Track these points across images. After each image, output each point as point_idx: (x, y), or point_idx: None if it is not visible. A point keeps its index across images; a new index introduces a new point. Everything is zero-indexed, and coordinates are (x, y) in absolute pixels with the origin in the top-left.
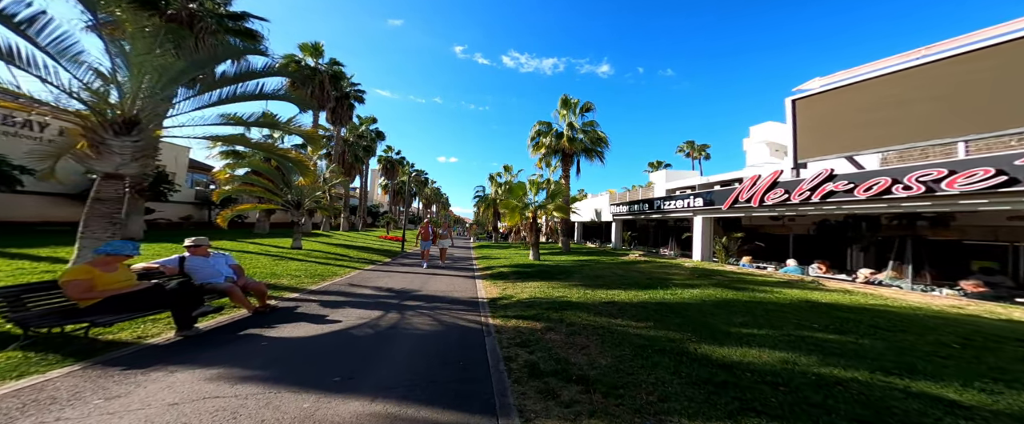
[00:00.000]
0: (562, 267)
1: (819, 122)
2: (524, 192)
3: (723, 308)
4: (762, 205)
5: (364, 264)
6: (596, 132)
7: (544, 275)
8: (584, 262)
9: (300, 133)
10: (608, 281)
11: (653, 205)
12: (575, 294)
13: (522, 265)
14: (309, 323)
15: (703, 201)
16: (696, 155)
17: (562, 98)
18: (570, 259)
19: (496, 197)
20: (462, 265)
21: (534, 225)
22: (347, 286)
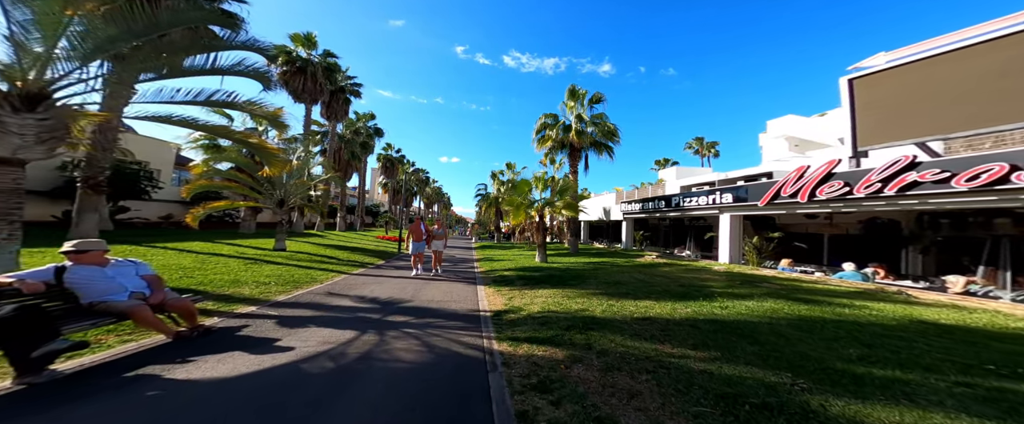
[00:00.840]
0: (574, 271)
1: (885, 103)
2: (529, 189)
3: (806, 330)
4: (812, 200)
5: (352, 267)
6: (606, 124)
7: (555, 280)
8: (597, 264)
9: (261, 114)
10: (632, 288)
11: (671, 202)
12: (598, 306)
13: (529, 268)
14: (247, 353)
15: (732, 197)
16: (705, 152)
17: (569, 88)
18: (580, 261)
19: (499, 195)
20: (462, 268)
21: (541, 224)
22: (323, 296)
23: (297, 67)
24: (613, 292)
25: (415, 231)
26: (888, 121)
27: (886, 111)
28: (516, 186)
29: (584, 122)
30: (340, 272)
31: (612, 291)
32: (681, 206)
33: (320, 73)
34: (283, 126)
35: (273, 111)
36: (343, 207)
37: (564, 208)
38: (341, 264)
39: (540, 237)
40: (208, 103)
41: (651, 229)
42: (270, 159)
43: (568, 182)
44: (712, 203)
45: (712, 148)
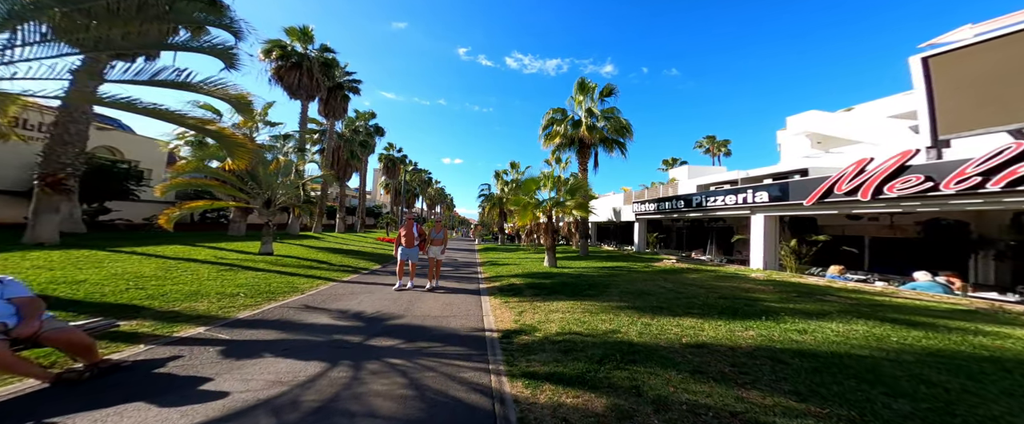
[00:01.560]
0: (589, 277)
1: (974, 84)
2: (537, 187)
3: (954, 371)
4: (877, 198)
5: (344, 273)
6: (618, 119)
7: (570, 289)
8: (612, 270)
9: (222, 96)
10: (665, 301)
11: (691, 202)
12: (631, 326)
13: (538, 274)
14: (152, 404)
15: (769, 196)
16: (716, 151)
17: (578, 82)
18: (593, 265)
19: (503, 195)
20: (465, 273)
21: (550, 226)
22: (297, 311)
23: (292, 62)
24: (643, 305)
25: (407, 234)
26: (979, 104)
27: (976, 93)
28: (522, 185)
29: (595, 117)
30: (328, 279)
31: (642, 304)
32: (704, 206)
33: (316, 68)
34: (249, 111)
35: (238, 94)
36: (342, 208)
37: (575, 208)
38: (331, 269)
39: (549, 240)
40: (153, 83)
41: (665, 231)
42: (232, 148)
43: (579, 180)
44: (742, 202)
45: (723, 147)
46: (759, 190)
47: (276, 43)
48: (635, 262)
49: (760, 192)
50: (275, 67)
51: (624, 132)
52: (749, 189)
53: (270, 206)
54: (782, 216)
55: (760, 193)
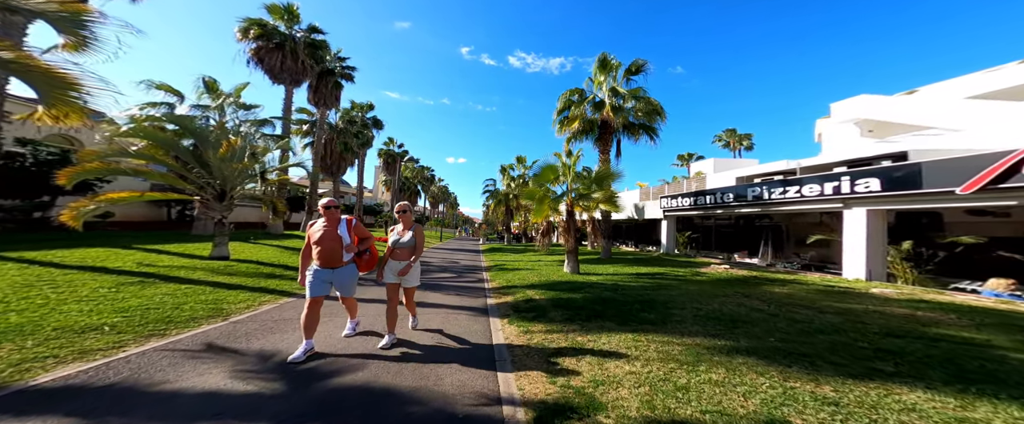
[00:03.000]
0: (631, 290)
1: None
2: (556, 176)
3: None
4: None
5: None
6: (649, 100)
7: (618, 310)
8: (654, 279)
9: None
10: (790, 338)
11: (744, 195)
12: (792, 403)
13: (562, 285)
14: None
15: (882, 183)
16: (736, 145)
17: (599, 58)
18: (625, 272)
19: (509, 191)
20: (467, 282)
21: (571, 223)
22: (181, 359)
23: (275, 43)
24: (761, 348)
25: (325, 240)
26: None
27: None
28: (538, 174)
29: (620, 96)
30: (284, 292)
31: (756, 344)
32: (765, 199)
33: (301, 50)
34: (77, 26)
35: None
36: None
37: (603, 203)
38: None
39: (571, 240)
40: None
41: (697, 230)
42: (48, 91)
43: (606, 169)
44: (833, 193)
45: (745, 140)
46: (862, 177)
47: (255, 21)
48: (672, 267)
49: (865, 180)
50: (254, 48)
51: (655, 115)
52: (843, 176)
53: (224, 199)
54: (885, 211)
55: (866, 181)
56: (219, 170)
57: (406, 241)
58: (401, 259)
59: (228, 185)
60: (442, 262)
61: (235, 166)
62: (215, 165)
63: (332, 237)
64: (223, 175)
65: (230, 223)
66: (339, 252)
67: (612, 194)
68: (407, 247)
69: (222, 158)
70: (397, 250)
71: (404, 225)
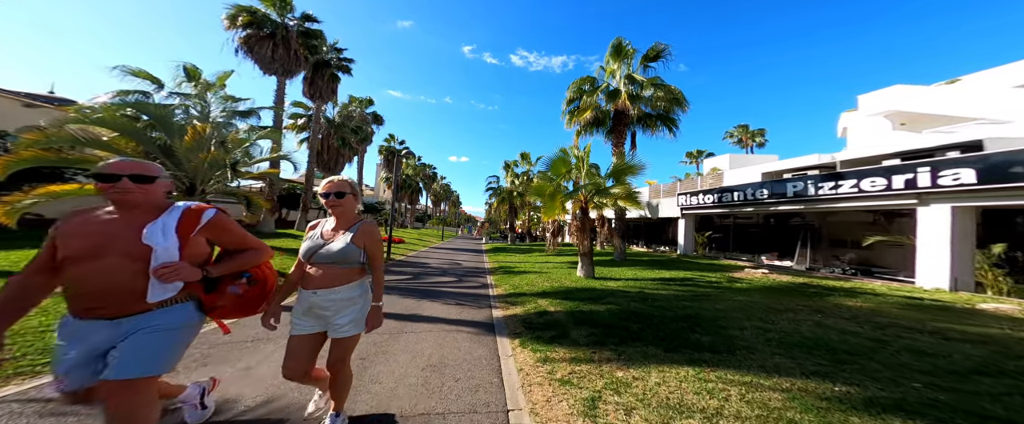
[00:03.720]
0: (664, 301)
1: None
2: (567, 170)
3: None
4: None
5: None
6: (670, 88)
7: (656, 329)
8: (686, 285)
9: None
10: (940, 386)
11: (783, 192)
12: None
13: (578, 293)
14: None
15: (979, 173)
16: (749, 141)
17: (613, 44)
18: (648, 277)
19: (513, 188)
20: (469, 286)
21: (586, 222)
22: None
23: (265, 32)
24: (908, 402)
25: (91, 259)
26: None
27: None
28: (549, 167)
29: (637, 84)
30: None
31: (899, 397)
32: (810, 195)
33: (294, 40)
34: None
35: None
36: None
37: (622, 199)
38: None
39: (586, 242)
40: None
41: (719, 229)
42: None
43: (625, 162)
44: (905, 188)
45: (757, 137)
46: (948, 167)
47: (243, 8)
48: (698, 270)
49: (953, 170)
50: (243, 37)
51: (676, 104)
52: (920, 168)
53: (194, 194)
54: (972, 207)
55: (954, 172)
56: (187, 161)
57: (337, 251)
58: (322, 286)
59: (198, 178)
60: (442, 263)
61: (203, 156)
62: (182, 155)
63: (117, 247)
64: (192, 167)
65: None
66: (134, 284)
67: (632, 190)
68: (339, 263)
69: (188, 147)
70: (318, 269)
71: (338, 221)
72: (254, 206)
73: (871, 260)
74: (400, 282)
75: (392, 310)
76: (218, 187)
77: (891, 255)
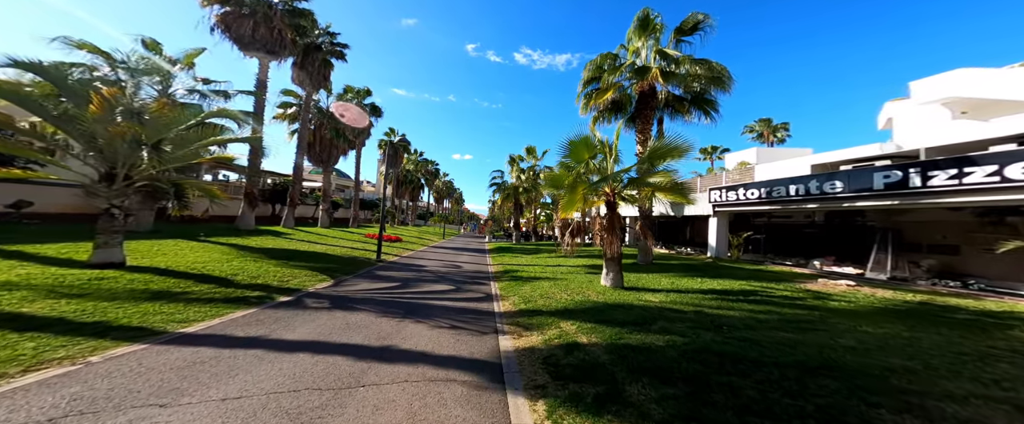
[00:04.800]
0: (749, 333)
1: None
2: (591, 155)
3: None
4: None
5: (218, 309)
6: (711, 64)
7: (780, 389)
8: (757, 303)
9: None
10: None
11: (868, 185)
12: None
13: (607, 310)
14: None
15: None
16: (770, 136)
17: (639, 17)
18: (692, 289)
19: (519, 184)
20: (468, 297)
21: (614, 220)
22: None
23: (246, 10)
24: None
25: None
26: None
27: None
28: (570, 150)
29: (669, 60)
30: (147, 333)
31: None
32: (915, 188)
33: (278, 18)
34: None
35: None
36: (326, 198)
37: (665, 190)
38: (202, 302)
39: (615, 244)
40: None
41: (759, 229)
42: None
43: (666, 143)
44: None
45: (779, 131)
46: None
47: None
48: (753, 280)
49: None
50: (220, 14)
51: (717, 83)
52: None
53: (114, 182)
54: None
55: None
56: (102, 138)
57: None
58: None
59: (120, 162)
60: (439, 266)
61: (114, 131)
62: (90, 130)
63: None
64: (109, 147)
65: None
66: None
67: (676, 179)
68: None
69: (94, 118)
70: None
71: None
72: (185, 199)
73: (955, 267)
74: (383, 292)
75: (356, 339)
76: (148, 173)
77: (985, 262)
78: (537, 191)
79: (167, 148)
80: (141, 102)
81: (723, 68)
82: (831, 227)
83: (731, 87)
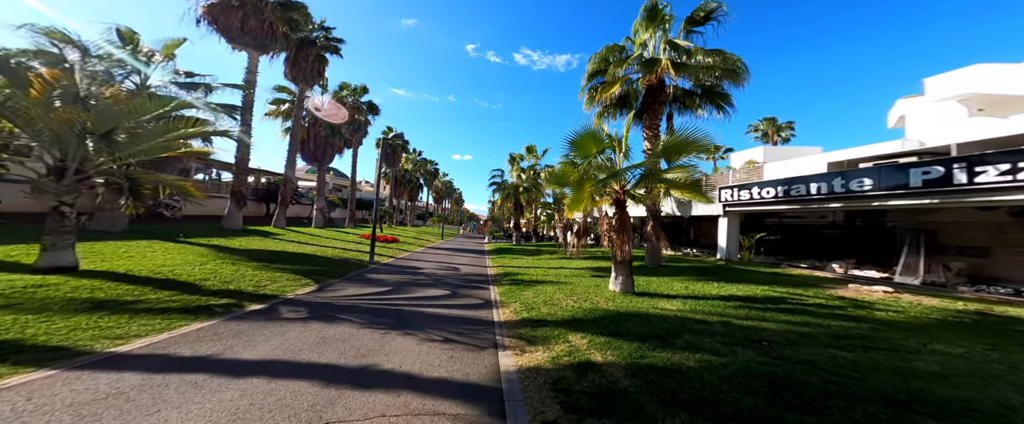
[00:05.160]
0: (795, 351)
1: None
2: (599, 150)
3: None
4: None
5: (167, 322)
6: (726, 55)
7: None
8: (786, 310)
9: None
10: None
11: (903, 182)
12: None
13: (624, 319)
14: None
15: None
16: (774, 135)
17: (646, 7)
18: (710, 294)
19: (520, 183)
20: (464, 303)
21: (625, 220)
22: None
23: (235, 1)
24: None
25: None
26: None
27: None
28: (577, 143)
29: (680, 51)
30: (63, 353)
31: None
32: (961, 185)
33: (268, 10)
34: None
35: None
36: (321, 196)
37: (682, 188)
38: (154, 314)
39: (626, 246)
40: None
41: (771, 230)
42: None
43: (683, 136)
44: None
45: (783, 131)
46: None
47: None
48: (775, 285)
49: None
50: (207, 5)
51: (731, 76)
52: None
53: (64, 176)
54: None
55: None
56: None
57: None
58: None
59: (71, 154)
60: (435, 269)
61: (56, 117)
62: (29, 116)
63: None
64: (59, 137)
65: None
66: None
67: (695, 175)
68: None
69: (33, 102)
70: None
71: None
72: (141, 195)
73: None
74: (371, 298)
75: (330, 357)
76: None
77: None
78: (538, 191)
79: (120, 138)
80: (88, 87)
81: (738, 59)
82: (850, 228)
83: (746, 80)
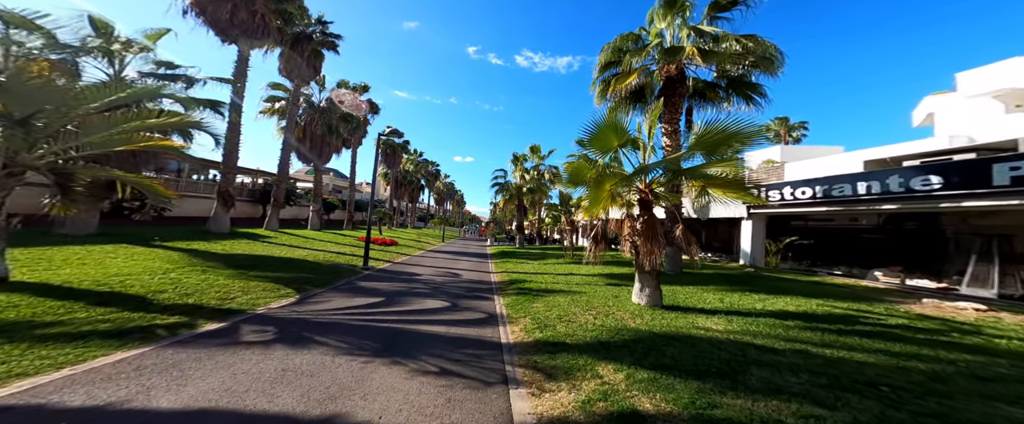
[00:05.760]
0: (933, 403)
1: None
2: (620, 143)
3: None
4: None
5: (88, 350)
6: (760, 41)
7: None
8: (870, 334)
9: None
10: None
11: (987, 175)
12: None
13: (665, 343)
14: None
15: None
16: (787, 136)
17: None
18: (754, 308)
19: (523, 184)
20: (465, 318)
21: (652, 222)
22: None
23: None
24: None
25: None
26: None
27: None
28: (596, 136)
29: (706, 37)
30: None
31: None
32: None
33: (259, 1)
34: None
35: None
36: (317, 198)
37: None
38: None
39: (655, 253)
40: None
41: (802, 234)
42: None
43: (724, 126)
44: None
45: (795, 131)
46: None
47: None
48: (826, 298)
49: None
50: None
51: (766, 63)
52: None
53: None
54: None
55: None
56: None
57: None
58: None
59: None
60: (434, 274)
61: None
62: None
63: None
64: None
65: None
66: None
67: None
68: None
69: None
70: None
71: None
72: (73, 194)
73: None
74: (358, 312)
75: (282, 404)
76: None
77: None
78: (542, 192)
79: (39, 124)
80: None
81: (774, 45)
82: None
83: (780, 69)
